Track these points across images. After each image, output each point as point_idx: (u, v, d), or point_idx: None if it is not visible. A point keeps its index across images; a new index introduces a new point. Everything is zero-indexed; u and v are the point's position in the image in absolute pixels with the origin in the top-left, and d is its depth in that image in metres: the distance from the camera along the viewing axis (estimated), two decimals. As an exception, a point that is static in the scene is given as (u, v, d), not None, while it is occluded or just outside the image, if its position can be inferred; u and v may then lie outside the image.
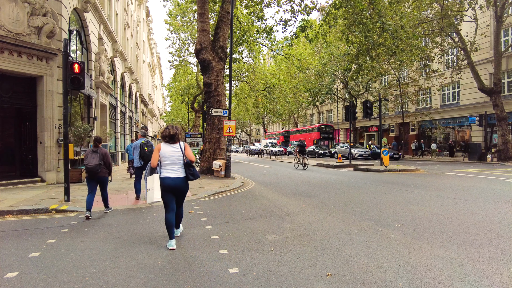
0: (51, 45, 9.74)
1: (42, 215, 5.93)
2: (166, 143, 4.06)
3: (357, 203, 6.68)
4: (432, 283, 2.80)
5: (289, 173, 13.80)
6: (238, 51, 21.69)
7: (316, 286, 2.78)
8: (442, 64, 24.89)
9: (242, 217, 5.53)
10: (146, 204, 6.82)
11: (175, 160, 4.00)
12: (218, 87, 12.45)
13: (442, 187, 8.82)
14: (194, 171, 4.10)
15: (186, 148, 4.10)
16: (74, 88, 6.83)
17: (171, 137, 4.05)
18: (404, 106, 27.25)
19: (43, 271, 3.19)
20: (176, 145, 4.06)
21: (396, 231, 4.44)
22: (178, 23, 27.09)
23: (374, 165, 16.29)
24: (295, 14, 15.16)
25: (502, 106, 19.16)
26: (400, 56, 13.77)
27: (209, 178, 11.46)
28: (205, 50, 12.24)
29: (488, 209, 5.84)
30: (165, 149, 4.00)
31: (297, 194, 7.93)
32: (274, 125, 64.71)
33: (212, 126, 12.55)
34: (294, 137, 43.39)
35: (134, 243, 4.12)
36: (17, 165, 10.78)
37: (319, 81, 31.13)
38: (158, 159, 4.00)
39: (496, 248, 3.71)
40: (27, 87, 10.01)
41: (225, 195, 8.06)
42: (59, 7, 10.18)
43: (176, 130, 4.11)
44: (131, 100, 25.69)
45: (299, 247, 3.84)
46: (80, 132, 10.91)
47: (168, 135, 4.05)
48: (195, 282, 2.87)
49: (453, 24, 19.53)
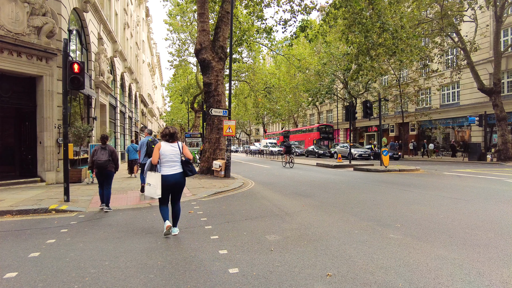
0: (50, 45, 9.73)
1: (42, 215, 5.92)
2: (165, 142, 4.41)
3: (357, 203, 6.68)
4: (432, 283, 2.80)
5: (288, 173, 13.80)
6: (238, 51, 21.67)
7: (316, 286, 2.78)
8: (442, 64, 24.89)
9: (242, 217, 5.53)
10: (146, 204, 6.82)
11: (173, 158, 4.36)
12: (218, 87, 12.44)
13: (442, 187, 8.82)
14: (192, 168, 4.51)
15: (183, 147, 4.50)
16: (73, 88, 6.82)
17: (171, 135, 4.42)
18: (404, 106, 27.26)
19: (43, 271, 3.18)
20: (175, 144, 4.43)
21: (396, 231, 4.44)
22: (177, 23, 27.07)
23: (374, 165, 16.30)
24: (295, 14, 15.16)
25: (502, 106, 19.17)
26: (400, 56, 13.76)
27: (209, 178, 11.45)
28: (205, 50, 12.24)
29: (488, 209, 5.84)
30: (165, 148, 4.35)
31: (297, 194, 7.93)
32: (274, 125, 64.72)
33: (212, 126, 12.54)
34: (294, 137, 43.42)
35: (134, 243, 4.11)
36: (17, 165, 10.77)
37: (319, 81, 31.13)
38: (159, 156, 4.32)
39: (496, 248, 3.71)
40: (27, 87, 10.00)
41: (225, 195, 8.06)
42: (59, 7, 10.16)
43: (175, 130, 4.52)
44: (131, 100, 25.68)
45: (299, 247, 3.83)
46: (80, 132, 10.91)
47: (168, 134, 4.42)
48: (195, 282, 2.87)
49: (452, 24, 19.53)
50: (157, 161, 4.31)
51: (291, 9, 14.36)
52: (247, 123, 67.76)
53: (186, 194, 7.91)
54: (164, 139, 4.45)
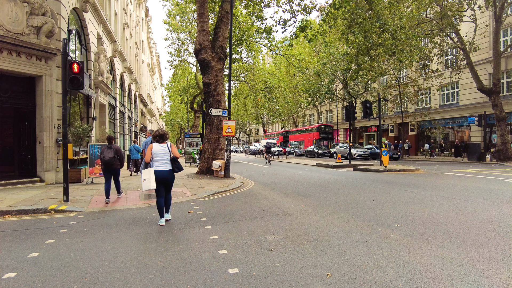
0: (50, 45, 9.71)
1: (41, 215, 5.91)
2: (156, 143, 5.11)
3: (356, 203, 6.68)
4: (432, 283, 2.80)
5: (288, 173, 13.80)
6: (238, 51, 21.66)
7: (316, 286, 2.78)
8: (441, 64, 24.92)
9: (241, 217, 5.52)
10: (146, 204, 6.82)
11: (163, 157, 5.07)
12: (218, 87, 12.43)
13: (442, 187, 8.82)
14: (179, 165, 5.21)
15: (172, 147, 5.18)
16: (73, 88, 6.80)
17: (161, 137, 5.14)
18: (404, 106, 27.28)
19: (42, 272, 3.17)
20: (164, 145, 5.12)
21: (396, 231, 4.44)
22: (177, 23, 27.04)
23: (373, 165, 16.30)
24: (294, 14, 15.15)
25: (501, 106, 19.18)
26: (399, 56, 13.75)
27: (209, 178, 11.44)
28: (204, 50, 12.23)
29: (488, 209, 5.84)
30: (156, 148, 5.05)
31: (296, 194, 7.93)
32: (273, 125, 64.73)
33: (211, 126, 12.53)
34: (293, 137, 43.45)
35: (133, 243, 4.11)
36: (16, 165, 10.75)
37: (319, 81, 31.14)
38: (151, 156, 5.04)
39: (496, 248, 3.71)
40: (26, 87, 9.98)
41: (224, 195, 8.05)
42: (58, 7, 10.15)
43: (164, 132, 5.22)
44: (130, 100, 25.65)
45: (299, 247, 3.83)
46: (79, 132, 10.89)
47: (158, 135, 5.16)
48: (195, 283, 2.86)
49: (452, 24, 19.56)
50: (149, 160, 5.04)
51: (291, 9, 14.36)
52: (246, 123, 67.76)
53: (186, 194, 7.90)
54: (155, 140, 5.13)
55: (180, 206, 6.54)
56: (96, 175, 10.38)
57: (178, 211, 6.02)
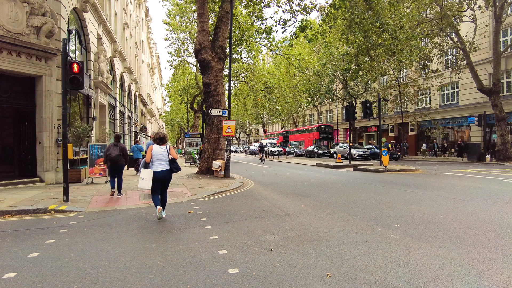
0: (50, 45, 9.71)
1: (41, 215, 5.91)
2: (156, 145, 5.41)
3: (356, 203, 6.68)
4: (432, 283, 2.80)
5: (288, 173, 13.80)
6: (238, 51, 21.66)
7: (316, 286, 2.78)
8: (441, 64, 24.91)
9: (241, 217, 5.52)
10: (145, 204, 6.82)
11: (163, 158, 5.36)
12: (218, 87, 12.43)
13: (442, 187, 8.83)
14: (177, 165, 5.51)
15: (170, 149, 5.49)
16: (73, 88, 6.80)
17: (161, 139, 5.46)
18: (404, 106, 27.28)
19: (42, 272, 3.17)
20: (164, 147, 5.43)
21: (396, 231, 4.44)
22: (177, 23, 27.04)
23: (373, 165, 16.30)
24: (294, 14, 15.14)
25: (501, 106, 19.19)
26: (399, 56, 13.76)
27: (209, 178, 11.44)
28: (204, 50, 12.23)
29: (488, 209, 5.84)
30: (156, 150, 5.35)
31: (296, 194, 7.93)
32: (273, 125, 64.71)
33: (211, 126, 12.53)
34: (293, 137, 43.44)
35: (133, 243, 4.11)
36: (16, 165, 10.75)
37: (319, 81, 31.13)
38: (151, 156, 5.32)
39: (496, 248, 3.71)
40: (26, 87, 9.98)
41: (224, 195, 8.05)
42: (58, 7, 10.15)
43: (164, 134, 5.58)
44: (130, 100, 25.65)
45: (299, 247, 3.83)
46: (79, 132, 10.89)
47: (158, 138, 5.47)
48: (195, 283, 2.86)
49: (452, 24, 19.56)
50: (149, 160, 5.31)
51: (291, 9, 14.36)
52: (246, 123, 67.72)
53: (186, 194, 7.90)
54: (155, 142, 5.45)
55: (180, 206, 6.54)
56: (96, 175, 10.38)
57: (178, 211, 6.02)
